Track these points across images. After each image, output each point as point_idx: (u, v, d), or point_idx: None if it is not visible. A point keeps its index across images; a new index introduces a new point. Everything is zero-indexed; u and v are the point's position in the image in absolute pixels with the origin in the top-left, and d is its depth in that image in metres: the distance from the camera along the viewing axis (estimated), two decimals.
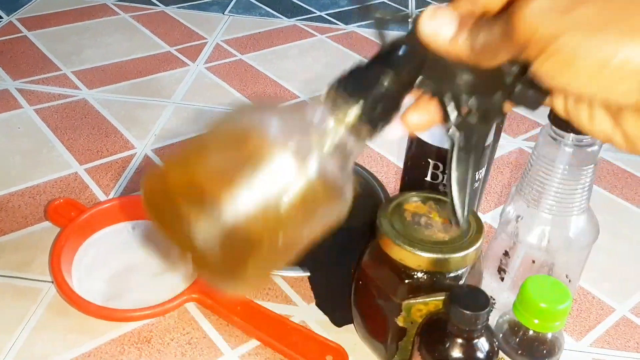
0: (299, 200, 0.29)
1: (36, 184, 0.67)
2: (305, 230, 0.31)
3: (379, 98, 0.29)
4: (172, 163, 0.32)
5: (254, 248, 0.30)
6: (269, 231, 0.29)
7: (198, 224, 0.29)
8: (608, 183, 0.74)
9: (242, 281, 0.31)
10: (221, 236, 0.29)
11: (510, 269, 0.49)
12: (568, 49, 0.22)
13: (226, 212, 0.28)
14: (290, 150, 0.29)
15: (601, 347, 0.53)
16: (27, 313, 0.52)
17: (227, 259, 0.30)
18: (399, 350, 0.47)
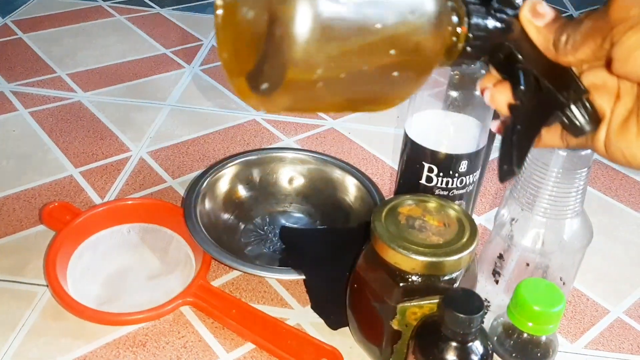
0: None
1: (31, 187, 0.67)
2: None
3: (489, 34, 0.31)
4: None
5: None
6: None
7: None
8: (602, 185, 0.75)
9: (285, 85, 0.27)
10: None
11: (504, 271, 0.49)
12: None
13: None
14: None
15: (596, 349, 0.53)
16: (22, 317, 0.52)
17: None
18: (394, 353, 0.47)
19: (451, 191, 0.53)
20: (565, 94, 0.30)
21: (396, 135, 0.81)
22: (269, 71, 0.27)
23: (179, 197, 0.67)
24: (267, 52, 0.27)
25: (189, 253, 0.59)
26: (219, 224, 0.62)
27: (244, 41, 0.29)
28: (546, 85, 0.30)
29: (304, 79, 0.26)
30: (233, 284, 0.57)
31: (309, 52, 0.25)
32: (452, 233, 0.45)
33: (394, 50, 0.27)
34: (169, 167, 0.72)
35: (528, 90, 0.31)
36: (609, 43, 0.26)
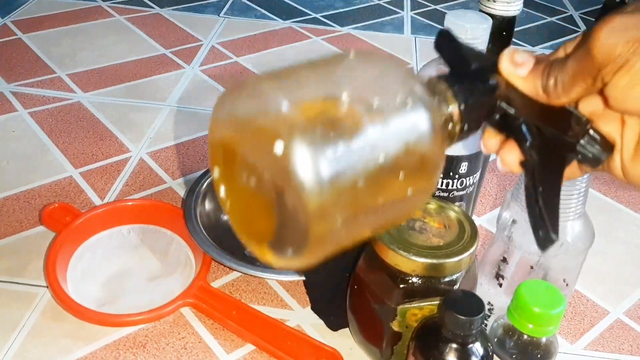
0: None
1: (31, 188, 0.67)
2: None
3: (480, 104, 0.30)
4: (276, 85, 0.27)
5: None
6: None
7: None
8: (602, 186, 0.75)
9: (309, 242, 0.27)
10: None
11: (507, 274, 0.49)
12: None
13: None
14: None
15: (595, 350, 0.53)
16: (22, 318, 0.52)
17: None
18: (394, 354, 0.47)
19: (451, 192, 0.53)
20: (570, 133, 0.29)
21: None
22: (291, 237, 0.27)
23: (179, 198, 0.67)
24: (283, 221, 0.27)
25: (189, 254, 0.59)
26: (219, 225, 0.62)
27: (255, 212, 0.29)
28: (550, 131, 0.29)
29: (327, 234, 0.26)
30: (233, 285, 0.57)
31: (325, 211, 0.25)
32: (452, 235, 0.45)
33: (402, 173, 0.27)
34: (169, 167, 0.72)
35: (535, 142, 0.30)
36: (600, 82, 0.25)
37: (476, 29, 0.46)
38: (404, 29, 1.15)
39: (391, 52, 1.04)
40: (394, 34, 1.12)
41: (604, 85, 0.25)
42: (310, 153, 0.24)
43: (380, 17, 1.19)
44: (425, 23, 1.18)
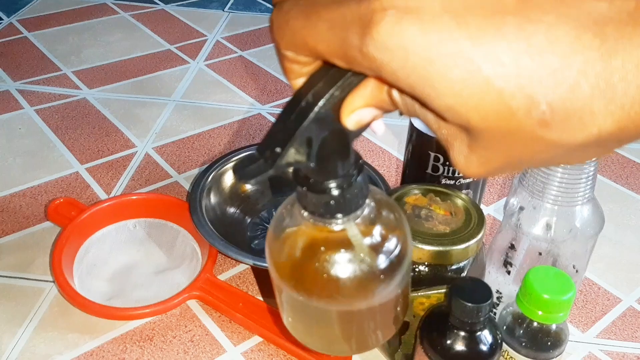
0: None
1: (37, 184, 0.67)
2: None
3: (347, 197, 0.29)
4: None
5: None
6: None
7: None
8: (613, 173, 0.73)
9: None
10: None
11: (515, 261, 0.48)
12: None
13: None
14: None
15: (607, 338, 0.52)
16: (29, 313, 0.52)
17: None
18: (401, 344, 0.46)
19: (458, 180, 0.52)
20: None
21: (402, 126, 0.80)
22: None
23: (185, 192, 0.67)
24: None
25: (195, 247, 0.59)
26: (225, 218, 0.61)
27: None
28: None
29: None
30: (239, 278, 0.56)
31: None
32: (459, 222, 0.44)
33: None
34: (174, 162, 0.72)
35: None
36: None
37: None
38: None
39: None
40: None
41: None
42: None
43: None
44: None
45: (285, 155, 0.26)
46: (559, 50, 0.19)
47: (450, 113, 0.21)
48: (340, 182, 0.28)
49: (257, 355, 0.49)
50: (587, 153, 0.22)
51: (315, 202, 0.29)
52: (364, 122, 0.26)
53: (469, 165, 0.23)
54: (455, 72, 0.19)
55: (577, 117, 0.19)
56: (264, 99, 0.85)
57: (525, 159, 0.22)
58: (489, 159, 0.22)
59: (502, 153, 0.22)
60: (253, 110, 0.83)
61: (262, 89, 0.88)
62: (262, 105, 0.84)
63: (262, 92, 0.87)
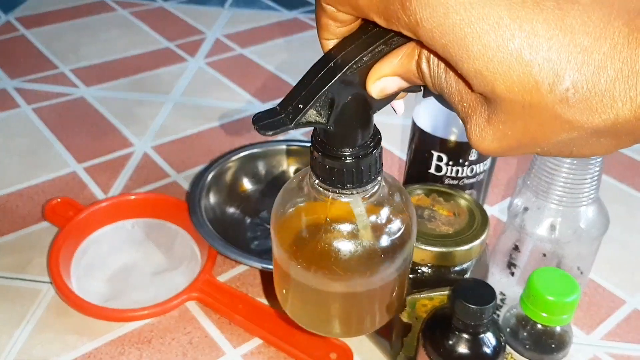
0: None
1: (34, 184, 0.66)
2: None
3: (362, 169, 0.29)
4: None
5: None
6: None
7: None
8: (618, 173, 0.73)
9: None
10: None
11: (519, 262, 0.48)
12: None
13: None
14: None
15: (612, 341, 0.52)
16: (26, 314, 0.51)
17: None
18: (404, 346, 0.45)
19: (461, 180, 0.51)
20: None
21: (404, 125, 0.79)
22: None
23: (184, 192, 0.66)
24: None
25: (194, 248, 0.58)
26: (225, 218, 0.61)
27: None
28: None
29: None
30: (239, 279, 0.56)
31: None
32: (462, 223, 0.43)
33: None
34: (173, 161, 0.71)
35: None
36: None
37: None
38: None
39: None
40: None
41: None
42: None
43: None
44: None
45: (306, 113, 0.26)
46: (591, 31, 0.20)
47: (478, 79, 0.21)
48: (356, 151, 0.28)
49: (256, 357, 0.49)
50: (601, 143, 0.22)
51: (328, 168, 0.29)
52: (388, 92, 0.26)
53: (484, 139, 0.23)
54: (491, 37, 0.20)
55: (598, 99, 0.20)
56: (264, 97, 0.85)
57: (539, 139, 0.22)
58: (504, 134, 0.22)
59: (518, 129, 0.22)
60: (253, 108, 0.82)
61: (262, 87, 0.87)
62: (263, 103, 0.83)
63: (262, 90, 0.86)
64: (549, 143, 0.22)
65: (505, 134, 0.22)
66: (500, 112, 0.22)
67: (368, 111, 0.28)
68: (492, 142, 0.23)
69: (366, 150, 0.29)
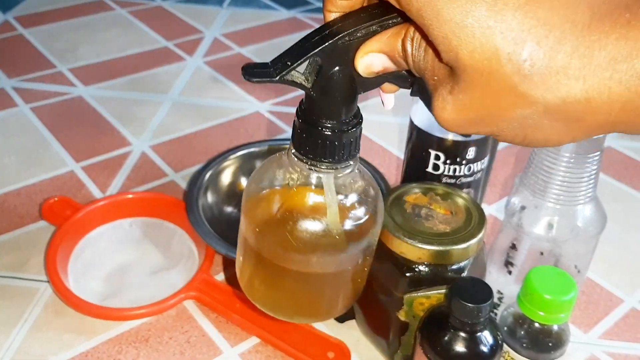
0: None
1: (32, 183, 0.66)
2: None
3: (339, 144, 0.30)
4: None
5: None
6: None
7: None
8: (616, 172, 0.73)
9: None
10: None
11: (517, 261, 0.48)
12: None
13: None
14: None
15: (610, 340, 0.52)
16: (24, 313, 0.51)
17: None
18: (401, 345, 0.45)
19: (459, 179, 0.51)
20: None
21: (402, 124, 0.79)
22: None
23: (182, 191, 0.66)
24: None
25: (191, 247, 0.58)
26: (222, 217, 0.61)
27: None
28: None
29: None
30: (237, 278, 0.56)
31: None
32: (459, 221, 0.43)
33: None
34: (171, 160, 0.71)
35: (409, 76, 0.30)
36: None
37: None
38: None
39: None
40: None
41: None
42: None
43: None
44: None
45: (292, 71, 0.27)
46: (556, 9, 0.21)
47: (445, 45, 0.22)
48: (335, 125, 0.29)
49: (254, 356, 0.49)
50: (553, 127, 0.23)
51: (305, 137, 0.30)
52: (373, 69, 0.27)
53: (444, 109, 0.24)
54: (461, 2, 0.21)
55: (553, 75, 0.21)
56: (263, 97, 0.85)
57: (494, 113, 0.23)
58: (464, 105, 0.23)
59: (476, 99, 0.23)
60: (251, 108, 0.82)
61: (260, 87, 0.87)
62: (261, 103, 0.83)
63: (260, 90, 0.86)
64: (504, 119, 0.23)
65: (465, 105, 0.23)
66: (461, 81, 0.23)
67: (353, 88, 0.29)
68: (451, 113, 0.24)
69: (346, 127, 0.30)
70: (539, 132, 0.23)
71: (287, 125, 0.78)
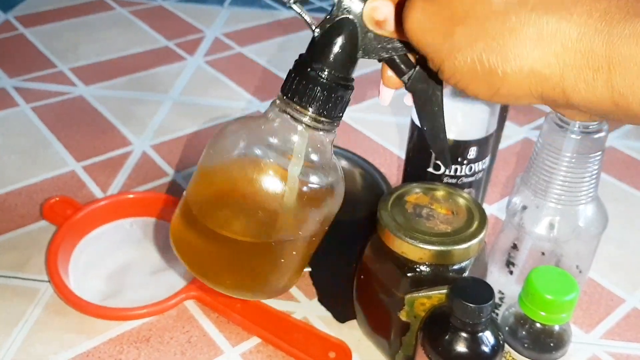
0: (296, 209, 0.31)
1: (33, 183, 0.66)
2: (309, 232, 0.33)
3: (326, 96, 0.30)
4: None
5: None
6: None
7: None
8: (617, 172, 0.73)
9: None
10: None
11: (518, 261, 0.48)
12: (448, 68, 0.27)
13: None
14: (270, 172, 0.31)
15: (612, 340, 0.52)
16: (25, 313, 0.51)
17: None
18: (402, 345, 0.45)
19: (460, 179, 0.51)
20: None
21: (402, 124, 0.79)
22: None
23: (182, 190, 0.66)
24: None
25: None
26: None
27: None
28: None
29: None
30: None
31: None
32: (460, 221, 0.43)
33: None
34: (172, 160, 0.71)
35: (411, 71, 0.31)
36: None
37: None
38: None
39: None
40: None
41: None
42: None
43: None
44: None
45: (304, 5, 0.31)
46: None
47: None
48: (330, 75, 0.30)
49: (255, 356, 0.49)
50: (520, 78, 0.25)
51: (298, 81, 0.31)
52: (377, 15, 0.29)
53: (412, 10, 0.26)
54: None
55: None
56: (263, 96, 0.85)
57: (455, 18, 0.25)
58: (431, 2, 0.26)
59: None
60: (252, 107, 0.82)
61: (261, 86, 0.87)
62: (261, 102, 0.83)
63: (261, 89, 0.86)
64: (468, 24, 0.25)
65: (432, 2, 0.26)
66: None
67: (355, 44, 0.30)
68: (417, 12, 0.26)
69: (339, 82, 0.30)
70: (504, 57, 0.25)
71: None
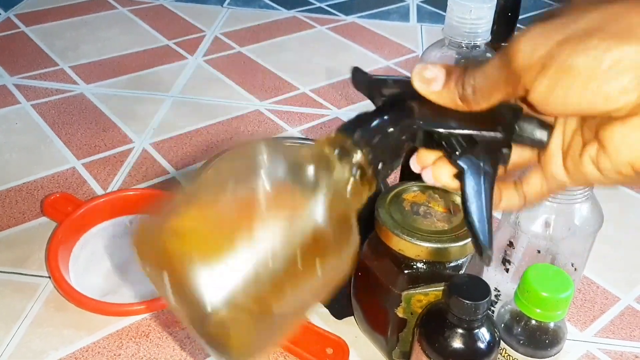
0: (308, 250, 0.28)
1: (34, 180, 0.67)
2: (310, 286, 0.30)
3: (385, 147, 0.29)
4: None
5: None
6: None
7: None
8: None
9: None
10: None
11: (514, 259, 0.48)
12: (561, 60, 0.23)
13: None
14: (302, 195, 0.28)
15: (606, 337, 0.52)
16: (25, 309, 0.52)
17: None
18: (399, 341, 0.46)
19: None
20: (500, 128, 0.28)
21: None
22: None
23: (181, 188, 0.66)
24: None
25: None
26: None
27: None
28: (478, 134, 0.28)
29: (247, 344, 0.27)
30: None
31: (245, 344, 0.26)
32: (457, 219, 0.44)
33: (300, 263, 0.27)
34: (172, 158, 0.71)
35: (464, 151, 0.28)
36: (522, 90, 0.25)
37: (480, 9, 0.45)
38: (409, 17, 1.13)
39: (397, 40, 1.03)
40: (400, 22, 1.11)
41: (528, 93, 0.25)
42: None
43: (386, 6, 1.18)
44: (431, 11, 1.16)
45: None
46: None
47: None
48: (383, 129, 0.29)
49: None
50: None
51: (365, 118, 0.30)
52: (427, 74, 0.28)
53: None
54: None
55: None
56: (263, 95, 0.85)
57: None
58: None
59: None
60: (251, 106, 0.82)
61: (260, 86, 0.87)
62: (261, 101, 0.84)
63: (260, 88, 0.87)
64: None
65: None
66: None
67: (404, 139, 0.29)
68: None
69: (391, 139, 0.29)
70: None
71: (287, 123, 0.79)
